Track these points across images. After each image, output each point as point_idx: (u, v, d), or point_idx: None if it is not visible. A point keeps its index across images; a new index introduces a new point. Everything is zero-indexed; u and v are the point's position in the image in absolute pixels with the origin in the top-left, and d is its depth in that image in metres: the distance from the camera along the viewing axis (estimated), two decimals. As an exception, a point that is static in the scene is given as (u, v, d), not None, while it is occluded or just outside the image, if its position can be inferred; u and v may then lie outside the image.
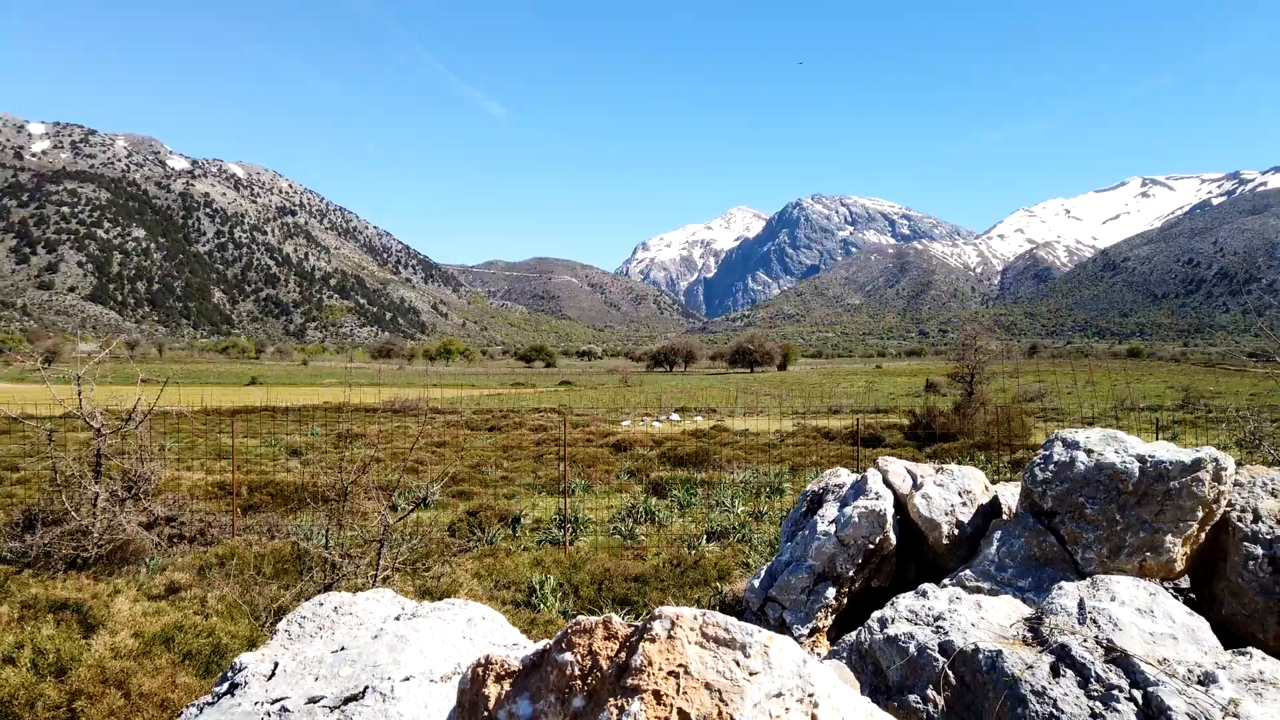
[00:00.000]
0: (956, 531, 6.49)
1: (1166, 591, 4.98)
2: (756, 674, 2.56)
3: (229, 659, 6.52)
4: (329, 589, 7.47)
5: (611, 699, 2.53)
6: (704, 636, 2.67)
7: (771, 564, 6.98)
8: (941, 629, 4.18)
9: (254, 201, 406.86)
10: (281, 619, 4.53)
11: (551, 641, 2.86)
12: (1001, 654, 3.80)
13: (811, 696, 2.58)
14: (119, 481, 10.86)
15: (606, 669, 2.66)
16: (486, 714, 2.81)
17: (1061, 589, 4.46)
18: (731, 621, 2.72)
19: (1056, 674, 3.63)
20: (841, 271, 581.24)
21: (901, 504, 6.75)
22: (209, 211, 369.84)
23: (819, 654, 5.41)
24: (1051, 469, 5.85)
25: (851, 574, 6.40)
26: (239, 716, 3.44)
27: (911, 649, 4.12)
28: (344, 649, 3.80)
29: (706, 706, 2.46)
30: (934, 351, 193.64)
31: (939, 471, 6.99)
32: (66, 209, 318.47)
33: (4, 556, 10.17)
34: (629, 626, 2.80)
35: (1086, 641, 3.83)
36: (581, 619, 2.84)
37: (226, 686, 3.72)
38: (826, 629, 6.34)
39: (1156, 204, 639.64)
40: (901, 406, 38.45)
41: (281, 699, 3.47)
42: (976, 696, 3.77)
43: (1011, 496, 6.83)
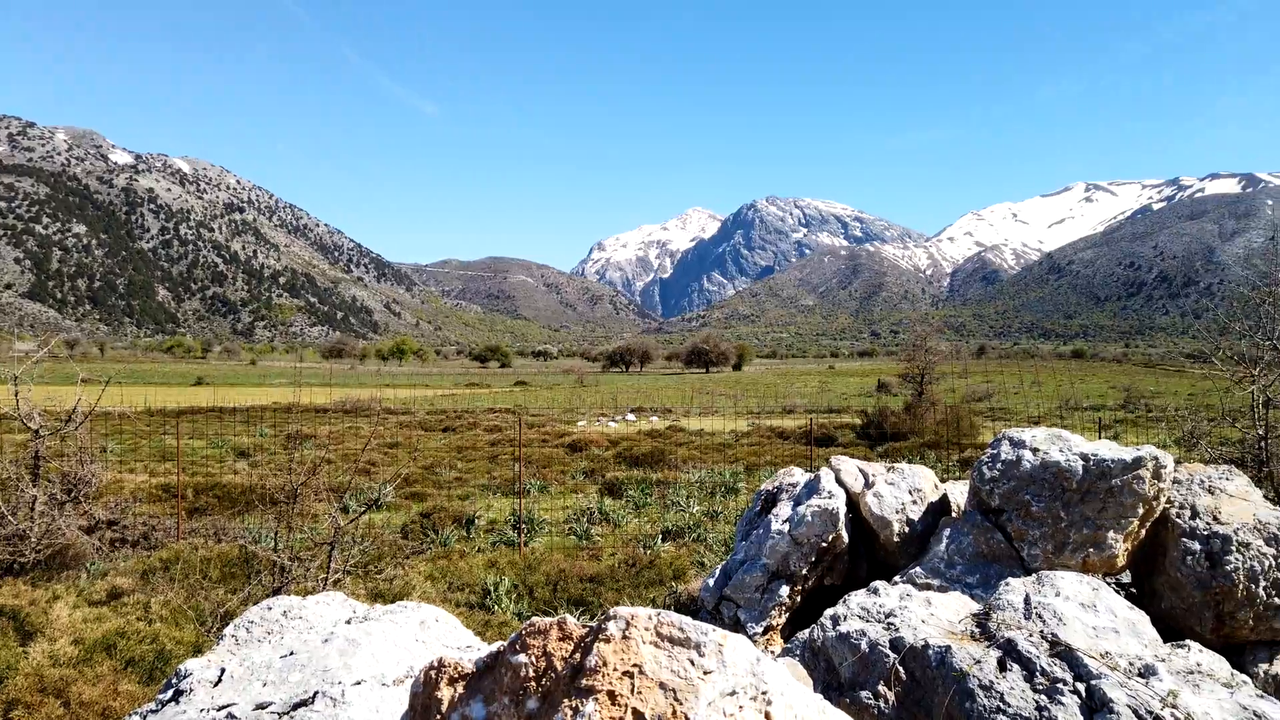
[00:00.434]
0: (907, 529, 6.58)
1: (1109, 586, 5.11)
2: (711, 673, 2.58)
3: (173, 666, 6.36)
4: (278, 593, 7.34)
5: (566, 700, 2.53)
6: (659, 636, 2.67)
7: (726, 563, 7.01)
8: (892, 626, 4.24)
9: (200, 198, 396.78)
10: (229, 624, 4.43)
11: (506, 643, 2.84)
12: (950, 650, 3.87)
13: (765, 694, 2.60)
14: (58, 484, 10.54)
15: (561, 670, 2.65)
16: (439, 717, 2.78)
17: (1008, 585, 4.55)
18: (686, 621, 2.73)
19: (1003, 668, 3.71)
20: (795, 273, 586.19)
21: (854, 502, 6.83)
22: (153, 207, 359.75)
23: (773, 652, 5.45)
24: (999, 467, 5.97)
25: (805, 572, 6.46)
26: (184, 724, 3.36)
27: (863, 646, 4.17)
28: (293, 654, 3.74)
29: (661, 706, 2.46)
30: (885, 352, 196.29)
31: (890, 470, 7.08)
32: (3, 203, 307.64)
33: (-65, 563, 9.82)
34: (584, 627, 2.79)
35: (1032, 636, 3.92)
36: (536, 620, 2.83)
37: (171, 694, 3.63)
38: (780, 627, 6.39)
39: (1100, 209, 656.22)
40: (854, 406, 38.93)
41: (228, 706, 3.39)
42: (926, 692, 3.83)
43: (961, 495, 6.94)
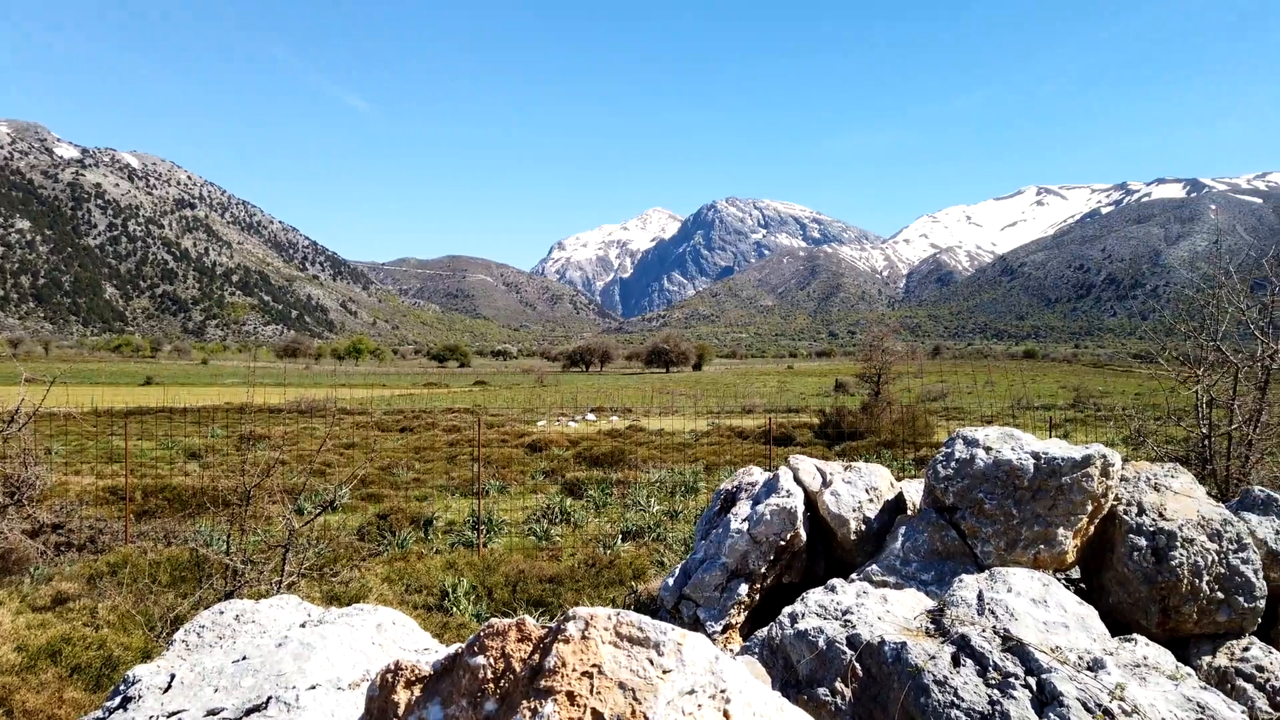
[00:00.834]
0: (864, 527, 6.66)
1: (1059, 582, 5.22)
2: (670, 672, 2.58)
3: (121, 672, 6.21)
4: (230, 597, 7.20)
5: (525, 701, 2.51)
6: (618, 636, 2.67)
7: (686, 562, 7.03)
8: (849, 623, 4.28)
9: (150, 194, 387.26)
10: (179, 629, 4.34)
11: (464, 645, 2.82)
12: (906, 646, 3.92)
13: (724, 692, 2.61)
14: (0, 487, 10.24)
15: (520, 671, 2.64)
16: (396, 721, 2.75)
17: (962, 581, 4.62)
18: (645, 620, 2.73)
19: (957, 664, 3.77)
20: (755, 273, 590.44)
21: (812, 501, 6.89)
22: (100, 203, 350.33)
23: (732, 650, 5.48)
24: (953, 466, 6.06)
25: (764, 570, 6.50)
26: (132, 732, 3.28)
27: (821, 643, 4.21)
28: (246, 658, 3.67)
29: (620, 706, 2.46)
30: (843, 352, 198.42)
31: (847, 469, 7.15)
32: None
33: None
34: (543, 628, 2.78)
35: (985, 632, 3.99)
36: (495, 621, 2.81)
37: (119, 701, 3.54)
38: (740, 625, 6.42)
39: (1051, 212, 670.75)
40: (812, 406, 39.31)
41: (179, 712, 3.32)
42: (883, 688, 3.87)
43: (916, 493, 7.03)
